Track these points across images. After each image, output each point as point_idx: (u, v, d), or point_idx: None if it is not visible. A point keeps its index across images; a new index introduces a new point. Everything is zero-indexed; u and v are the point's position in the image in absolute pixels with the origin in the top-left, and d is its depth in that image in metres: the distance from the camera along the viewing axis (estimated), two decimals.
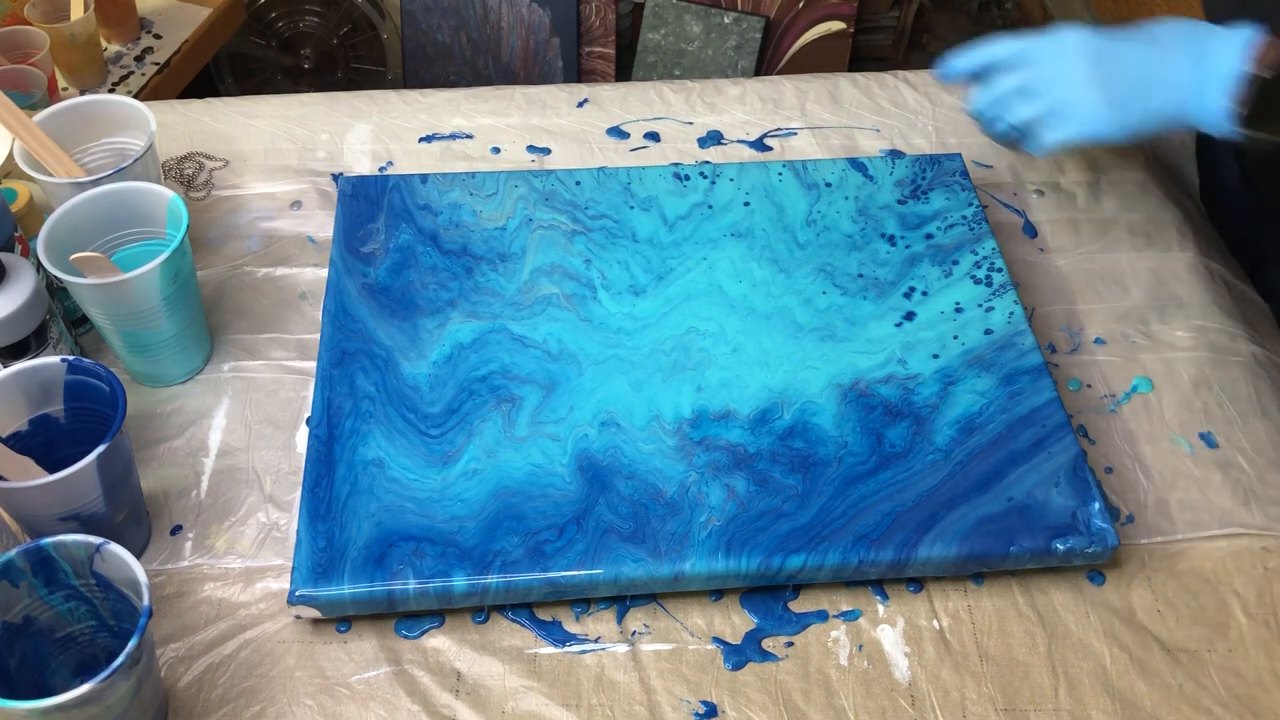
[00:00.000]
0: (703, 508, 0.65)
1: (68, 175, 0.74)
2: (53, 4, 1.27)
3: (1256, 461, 0.72)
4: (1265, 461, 0.72)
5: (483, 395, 0.70)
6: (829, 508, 0.65)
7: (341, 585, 0.61)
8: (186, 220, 0.69)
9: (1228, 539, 0.68)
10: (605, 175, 0.84)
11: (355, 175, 0.85)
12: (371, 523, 0.64)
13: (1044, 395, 0.70)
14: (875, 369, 0.72)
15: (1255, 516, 0.69)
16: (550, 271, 0.77)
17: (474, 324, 0.74)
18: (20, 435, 0.63)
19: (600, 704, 0.61)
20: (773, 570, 0.63)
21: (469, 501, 0.65)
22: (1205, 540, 0.68)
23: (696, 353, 0.73)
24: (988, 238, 0.80)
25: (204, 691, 0.61)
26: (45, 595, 0.56)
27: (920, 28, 2.26)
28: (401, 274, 0.77)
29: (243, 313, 0.80)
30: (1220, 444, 0.73)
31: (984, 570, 0.65)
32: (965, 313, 0.75)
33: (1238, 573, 0.67)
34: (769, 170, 0.84)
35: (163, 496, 0.69)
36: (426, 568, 0.62)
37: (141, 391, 0.74)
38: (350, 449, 0.67)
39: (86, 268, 0.66)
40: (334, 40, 1.93)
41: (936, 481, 0.66)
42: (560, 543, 0.63)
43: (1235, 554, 0.68)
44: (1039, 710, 0.61)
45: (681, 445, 0.68)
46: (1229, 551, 0.68)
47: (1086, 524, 0.64)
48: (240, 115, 0.95)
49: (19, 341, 0.67)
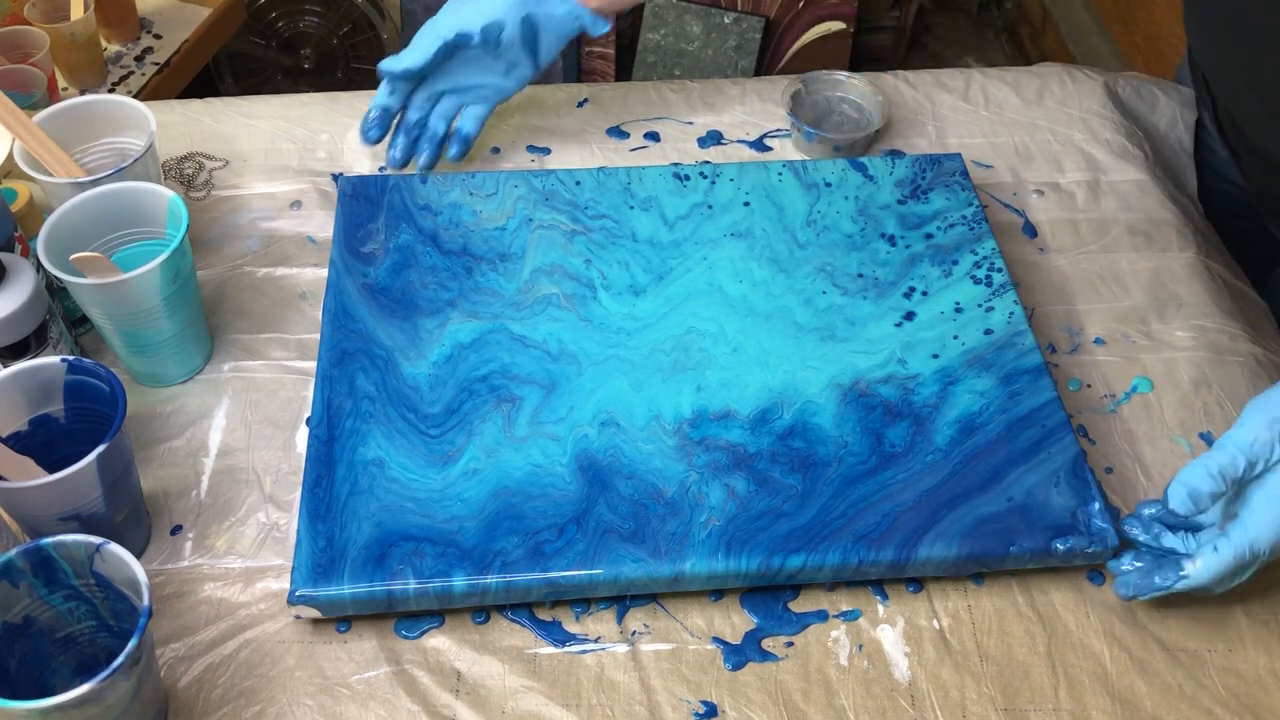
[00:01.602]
0: (703, 508, 0.65)
1: (68, 175, 0.74)
2: (53, 4, 1.27)
3: None
4: None
5: (483, 395, 0.70)
6: (829, 508, 0.65)
7: (341, 585, 0.61)
8: (186, 220, 0.69)
9: None
10: (605, 175, 0.84)
11: (355, 175, 0.85)
12: (371, 523, 0.64)
13: (1044, 395, 0.70)
14: (875, 369, 0.72)
15: None
16: (550, 271, 0.77)
17: (474, 324, 0.74)
18: (20, 435, 0.63)
19: (600, 704, 0.61)
20: (773, 570, 0.63)
21: (469, 501, 0.65)
22: None
23: (696, 353, 0.73)
24: (988, 238, 0.80)
25: (204, 691, 0.61)
26: (45, 595, 0.56)
27: (920, 28, 2.26)
28: (401, 274, 0.77)
29: (243, 313, 0.80)
30: None
31: (984, 570, 0.65)
32: (965, 313, 0.75)
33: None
34: (769, 170, 0.84)
35: (163, 496, 0.69)
36: (426, 568, 0.62)
37: (141, 391, 0.74)
38: (350, 449, 0.67)
39: (86, 268, 0.66)
40: (334, 40, 1.93)
41: (936, 481, 0.66)
42: (560, 543, 0.63)
43: None
44: (1039, 710, 0.61)
45: (681, 445, 0.68)
46: None
47: (1087, 524, 0.64)
48: (240, 115, 0.95)
49: (19, 341, 0.67)
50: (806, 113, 0.93)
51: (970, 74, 1.00)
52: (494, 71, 0.84)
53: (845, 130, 0.92)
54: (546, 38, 0.83)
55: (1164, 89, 0.99)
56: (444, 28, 0.82)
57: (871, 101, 0.93)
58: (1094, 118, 0.96)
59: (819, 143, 0.90)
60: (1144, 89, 0.99)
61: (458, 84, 0.85)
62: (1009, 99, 0.98)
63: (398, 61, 0.83)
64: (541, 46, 0.83)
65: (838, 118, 0.93)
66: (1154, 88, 0.99)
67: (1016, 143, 0.94)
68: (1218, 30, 0.83)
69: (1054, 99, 0.97)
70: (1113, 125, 0.95)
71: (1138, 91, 0.99)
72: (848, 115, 0.94)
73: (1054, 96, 0.98)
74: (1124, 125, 0.95)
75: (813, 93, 0.94)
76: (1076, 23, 2.09)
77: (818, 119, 0.93)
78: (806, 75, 0.94)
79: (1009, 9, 2.31)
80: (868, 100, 0.93)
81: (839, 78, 0.94)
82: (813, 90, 0.94)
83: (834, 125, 0.93)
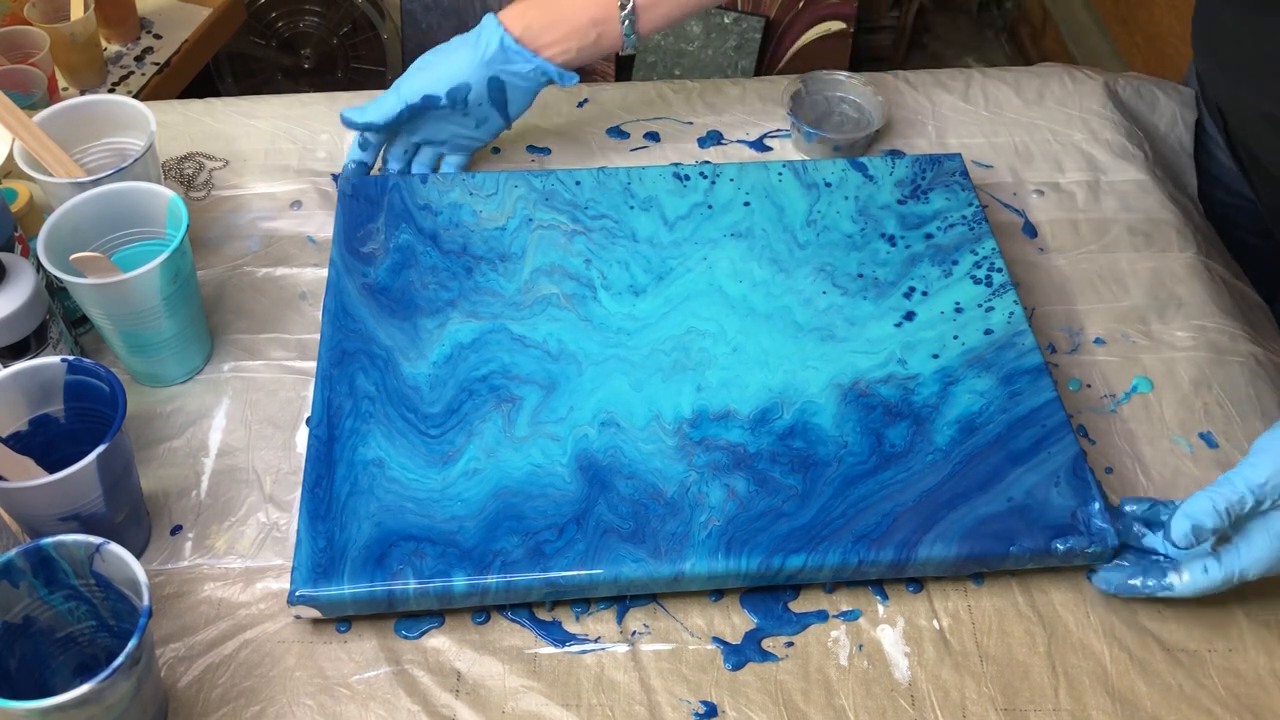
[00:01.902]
0: (703, 508, 0.65)
1: (68, 175, 0.74)
2: (53, 4, 1.27)
3: None
4: None
5: (483, 395, 0.70)
6: (829, 507, 0.65)
7: (341, 585, 0.61)
8: (186, 220, 0.69)
9: None
10: (605, 175, 0.84)
11: (355, 176, 0.85)
12: (371, 523, 0.64)
13: (1044, 395, 0.70)
14: (875, 369, 0.72)
15: None
16: (550, 271, 0.77)
17: (474, 324, 0.74)
18: (20, 435, 0.63)
19: (600, 704, 0.61)
20: (773, 570, 0.63)
21: (469, 501, 0.65)
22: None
23: (696, 353, 0.73)
24: (987, 238, 0.80)
25: (204, 691, 0.61)
26: (45, 595, 0.56)
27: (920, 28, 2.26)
28: (401, 274, 0.77)
29: (243, 313, 0.80)
30: (1220, 444, 0.73)
31: (984, 570, 0.65)
32: (965, 313, 0.75)
33: None
34: (769, 170, 0.84)
35: (163, 496, 0.69)
36: (426, 568, 0.62)
37: (141, 391, 0.74)
38: (350, 449, 0.67)
39: (86, 268, 0.66)
40: (334, 40, 1.93)
41: (936, 481, 0.66)
42: (560, 543, 0.63)
43: None
44: (1039, 710, 0.61)
45: (681, 445, 0.68)
46: None
47: (1087, 524, 0.64)
48: (240, 115, 0.95)
49: (19, 341, 0.67)
50: (806, 113, 0.93)
51: (970, 74, 1.00)
52: (466, 125, 0.84)
53: (845, 130, 0.92)
54: (514, 95, 0.83)
55: (1164, 89, 0.99)
56: (409, 91, 0.81)
57: (871, 101, 0.93)
58: (1094, 118, 0.96)
59: (819, 143, 0.90)
60: (1144, 89, 0.99)
61: (431, 137, 0.85)
62: (1009, 99, 0.98)
63: (360, 113, 0.82)
64: (510, 103, 0.83)
65: (838, 118, 0.93)
66: (1154, 88, 0.99)
67: (1016, 143, 0.94)
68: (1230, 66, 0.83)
69: (1054, 99, 0.97)
70: (1113, 125, 0.95)
71: (1138, 91, 0.99)
72: (848, 115, 0.94)
73: (1054, 96, 0.98)
74: (1124, 125, 0.95)
75: (813, 93, 0.94)
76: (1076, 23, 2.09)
77: (818, 119, 0.93)
78: (806, 75, 0.94)
79: (1009, 9, 2.31)
80: (867, 100, 0.93)
81: (839, 78, 0.94)
82: (813, 90, 0.94)
83: (834, 125, 0.93)
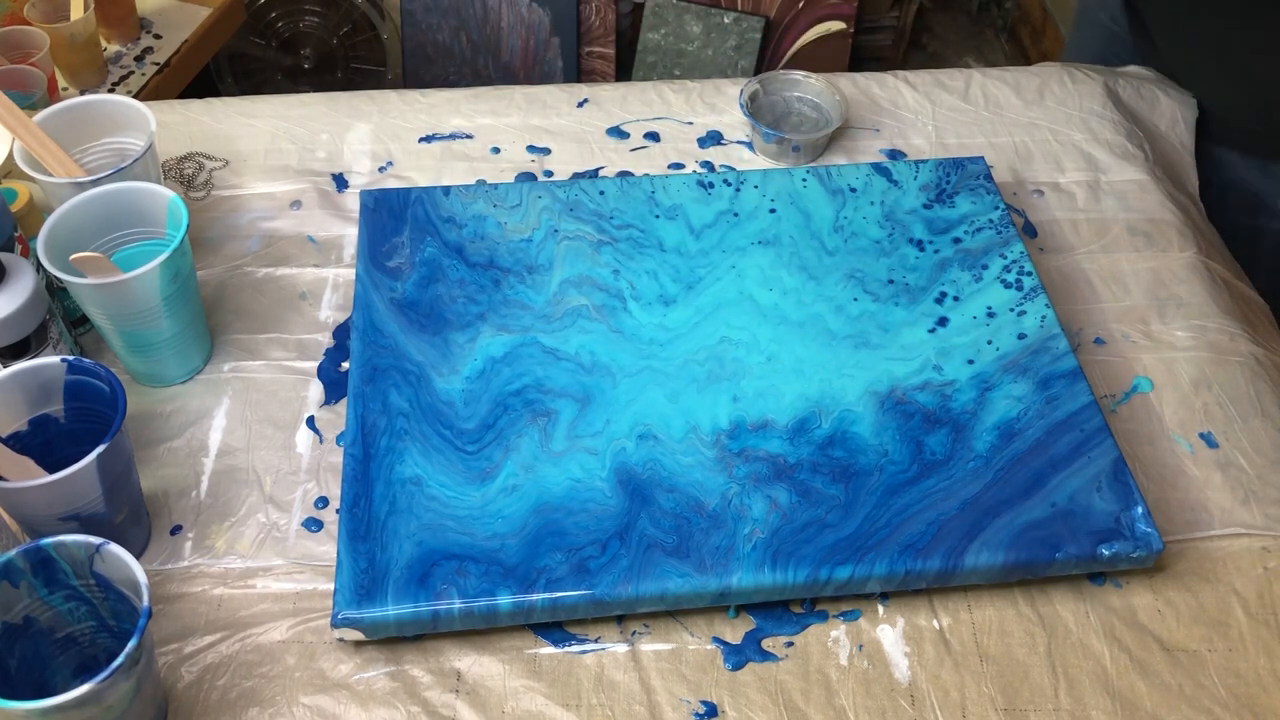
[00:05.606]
0: (746, 520, 0.64)
1: (68, 175, 0.74)
2: (53, 4, 1.27)
3: (1256, 461, 0.72)
4: (1265, 461, 0.72)
5: (517, 410, 0.69)
6: (873, 517, 0.64)
7: (385, 606, 0.60)
8: (186, 220, 0.69)
9: (1228, 539, 0.68)
10: (629, 185, 0.83)
11: (376, 189, 0.82)
12: (412, 542, 0.63)
13: (1081, 399, 0.70)
14: (911, 375, 0.71)
15: (1255, 516, 0.69)
16: (579, 283, 0.77)
17: (505, 337, 0.73)
18: (20, 435, 0.63)
19: (600, 704, 0.61)
20: (820, 582, 0.62)
21: (510, 518, 0.64)
22: (1205, 540, 0.68)
23: (730, 362, 0.72)
24: (1015, 241, 0.79)
25: (204, 692, 0.61)
26: (45, 595, 0.56)
27: (920, 28, 2.26)
28: (429, 288, 0.76)
29: (243, 313, 0.80)
30: (1220, 444, 0.73)
31: (1030, 578, 0.65)
32: (998, 317, 0.75)
33: (1238, 573, 0.67)
34: (793, 176, 0.84)
35: (163, 496, 0.69)
36: (471, 587, 0.61)
37: (141, 391, 0.74)
38: (387, 467, 0.66)
39: (86, 268, 0.66)
40: (334, 40, 1.93)
41: (979, 488, 0.65)
42: (604, 559, 0.62)
43: (1235, 554, 0.68)
44: (1039, 710, 0.61)
45: (720, 457, 0.67)
46: (1229, 552, 0.68)
47: (1130, 528, 0.64)
48: (240, 115, 0.95)
49: (19, 341, 0.67)
50: (765, 114, 0.93)
51: (970, 74, 1.00)
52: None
53: (804, 130, 0.92)
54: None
55: (1164, 89, 0.99)
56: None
57: (829, 101, 0.93)
58: (1094, 118, 0.96)
59: (777, 143, 0.90)
60: (1144, 89, 0.99)
61: None
62: (1009, 99, 0.98)
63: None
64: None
65: (796, 118, 0.94)
66: (1154, 88, 0.99)
67: (1016, 143, 0.94)
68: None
69: (1054, 99, 0.97)
70: (1113, 125, 0.95)
71: (1138, 91, 0.99)
72: (806, 115, 0.94)
73: (1054, 96, 0.98)
74: (1124, 125, 0.95)
75: (770, 94, 0.94)
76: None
77: (776, 120, 0.93)
78: (764, 76, 0.94)
79: (1009, 9, 2.31)
80: (825, 100, 0.94)
81: (796, 78, 0.94)
82: (770, 91, 0.94)
83: (793, 125, 0.93)
